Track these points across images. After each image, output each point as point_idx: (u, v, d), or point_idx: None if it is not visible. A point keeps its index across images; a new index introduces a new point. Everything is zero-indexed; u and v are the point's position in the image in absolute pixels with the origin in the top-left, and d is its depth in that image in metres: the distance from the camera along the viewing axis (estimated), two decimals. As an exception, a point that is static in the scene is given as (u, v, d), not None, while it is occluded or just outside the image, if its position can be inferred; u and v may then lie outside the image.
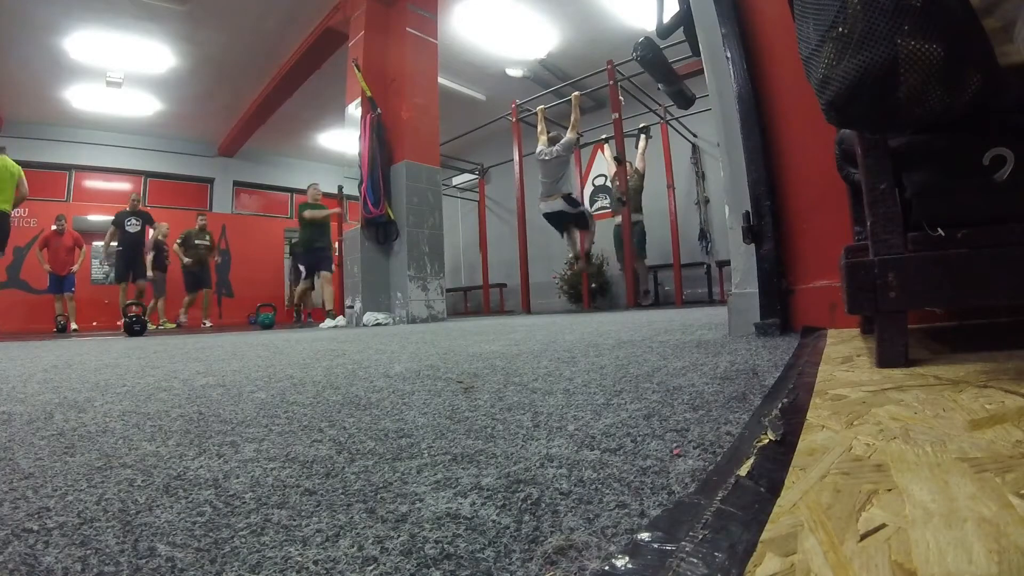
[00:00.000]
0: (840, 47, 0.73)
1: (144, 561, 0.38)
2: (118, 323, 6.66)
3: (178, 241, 7.62)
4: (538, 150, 5.90)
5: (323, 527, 0.43)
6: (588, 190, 8.61)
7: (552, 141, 5.83)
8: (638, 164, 6.45)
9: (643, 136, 6.48)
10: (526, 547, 0.37)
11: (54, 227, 7.11)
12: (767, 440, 0.53)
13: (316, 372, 1.43)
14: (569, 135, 5.76)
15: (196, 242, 7.73)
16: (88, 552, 0.40)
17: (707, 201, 7.65)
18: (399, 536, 0.40)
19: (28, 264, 8.03)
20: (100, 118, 8.47)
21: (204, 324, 7.74)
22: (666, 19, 2.14)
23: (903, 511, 0.34)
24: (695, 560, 0.32)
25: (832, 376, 0.83)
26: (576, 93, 5.92)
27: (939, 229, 0.84)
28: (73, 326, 7.34)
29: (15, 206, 5.48)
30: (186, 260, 7.53)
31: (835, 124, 0.88)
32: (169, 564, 0.37)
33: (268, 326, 6.07)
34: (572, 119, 5.77)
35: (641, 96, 6.54)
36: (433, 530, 0.41)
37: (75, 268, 7.34)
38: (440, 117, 5.75)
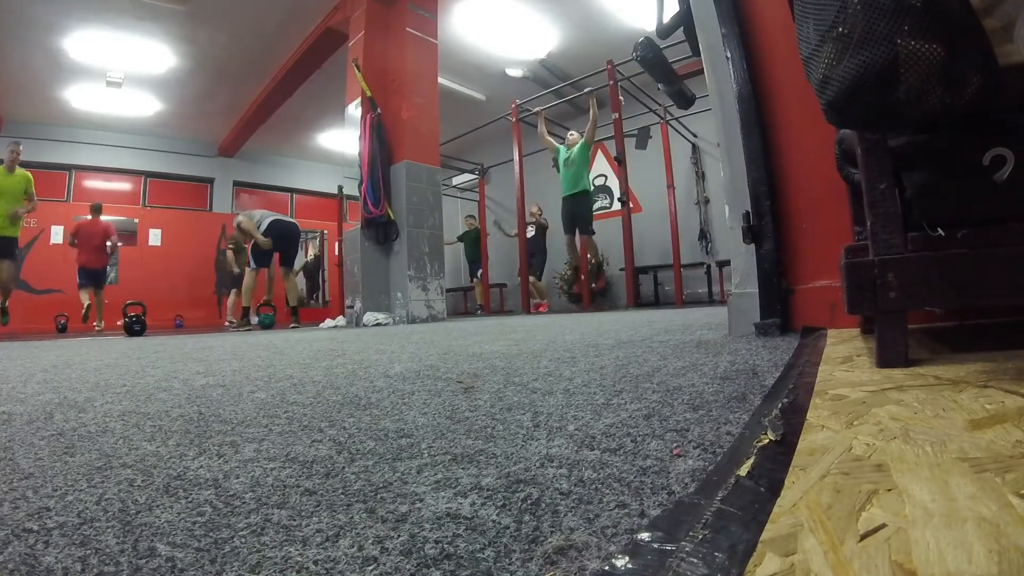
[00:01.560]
0: (840, 47, 0.73)
1: (144, 561, 0.38)
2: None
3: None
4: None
5: (323, 527, 0.43)
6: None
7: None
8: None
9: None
10: (526, 547, 0.37)
11: (87, 216, 6.66)
12: (767, 440, 0.53)
13: (316, 372, 1.43)
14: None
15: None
16: (88, 552, 0.40)
17: (707, 201, 7.65)
18: (399, 536, 0.40)
19: (28, 264, 8.03)
20: (100, 118, 8.47)
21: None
22: (666, 19, 2.14)
23: (903, 511, 0.34)
24: (695, 560, 0.32)
25: (832, 376, 0.83)
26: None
27: (939, 229, 0.84)
28: (97, 324, 6.79)
29: (26, 212, 5.42)
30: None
31: (835, 124, 0.88)
32: (169, 564, 0.37)
33: (268, 326, 6.07)
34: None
35: (641, 96, 6.53)
36: (433, 530, 0.41)
37: (110, 255, 6.79)
38: (440, 117, 5.75)
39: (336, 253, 7.51)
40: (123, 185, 9.26)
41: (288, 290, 6.15)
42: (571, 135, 6.46)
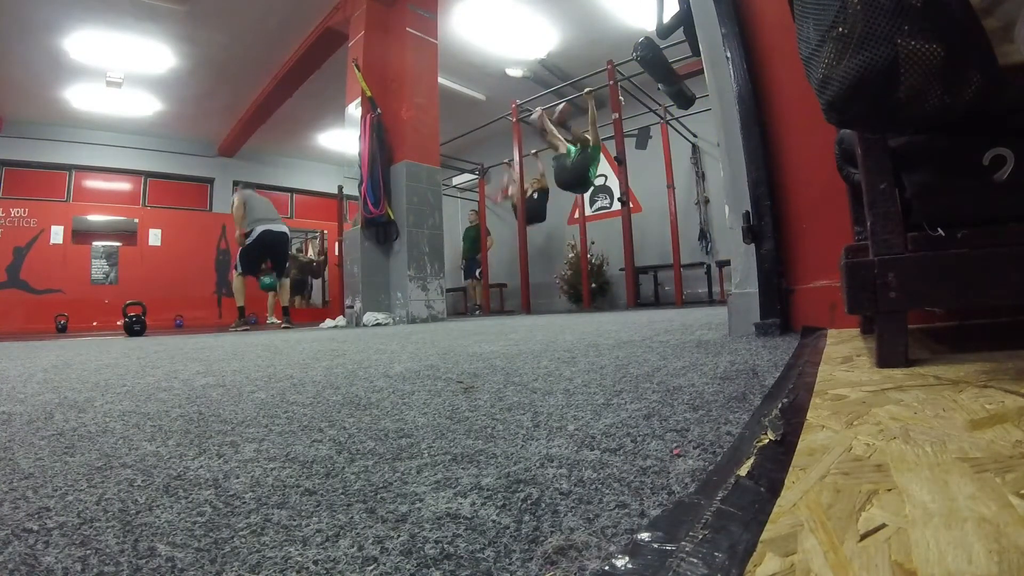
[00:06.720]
0: (840, 47, 0.73)
1: (144, 561, 0.38)
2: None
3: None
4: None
5: (323, 527, 0.43)
6: (588, 190, 8.61)
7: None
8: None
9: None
10: (526, 547, 0.37)
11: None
12: (767, 440, 0.53)
13: (316, 372, 1.43)
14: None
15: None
16: (88, 552, 0.40)
17: (707, 201, 7.65)
18: (399, 536, 0.40)
19: (28, 264, 8.02)
20: (100, 118, 8.46)
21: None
22: (666, 19, 2.14)
23: (903, 511, 0.34)
24: (695, 560, 0.32)
25: (832, 376, 0.83)
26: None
27: (939, 229, 0.84)
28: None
29: None
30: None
31: (835, 124, 0.88)
32: (169, 564, 0.37)
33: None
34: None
35: (641, 96, 6.53)
36: (433, 530, 0.41)
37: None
38: (440, 117, 5.74)
39: (336, 253, 7.51)
40: (123, 185, 9.25)
41: (279, 290, 6.20)
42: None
